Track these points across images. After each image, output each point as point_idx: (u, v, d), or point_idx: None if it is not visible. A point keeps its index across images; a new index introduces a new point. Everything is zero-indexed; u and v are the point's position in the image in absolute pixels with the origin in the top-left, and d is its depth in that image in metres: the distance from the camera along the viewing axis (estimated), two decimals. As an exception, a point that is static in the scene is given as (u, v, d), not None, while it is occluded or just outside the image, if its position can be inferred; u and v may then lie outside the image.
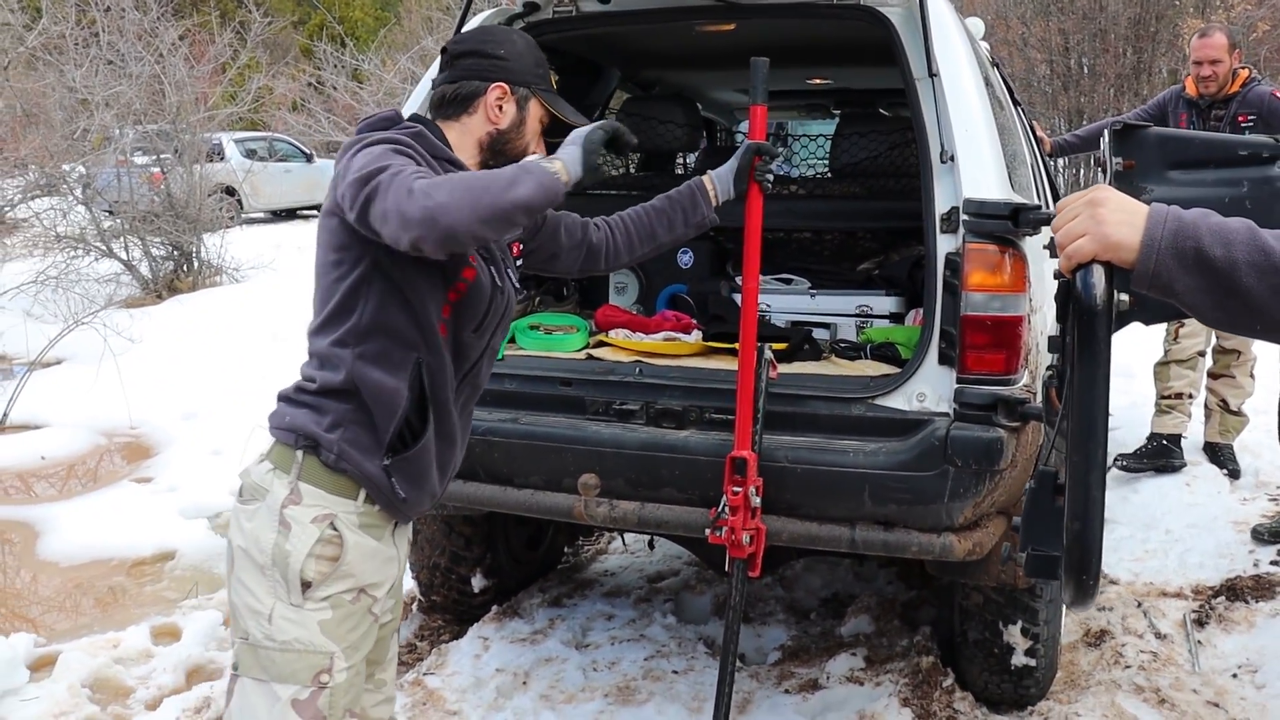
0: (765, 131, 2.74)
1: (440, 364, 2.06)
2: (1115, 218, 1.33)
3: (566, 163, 2.02)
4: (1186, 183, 1.92)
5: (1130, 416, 6.38)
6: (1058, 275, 1.42)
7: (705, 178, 2.60)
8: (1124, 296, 1.39)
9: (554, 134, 2.21)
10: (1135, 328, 7.07)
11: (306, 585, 1.97)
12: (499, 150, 2.18)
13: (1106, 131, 2.00)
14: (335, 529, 2.00)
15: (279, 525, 1.98)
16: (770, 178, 2.70)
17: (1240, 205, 1.34)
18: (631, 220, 2.55)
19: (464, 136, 2.17)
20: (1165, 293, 1.33)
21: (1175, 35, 15.10)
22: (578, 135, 2.09)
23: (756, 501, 2.75)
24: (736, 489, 2.74)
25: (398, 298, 2.00)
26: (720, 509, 2.76)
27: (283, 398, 2.13)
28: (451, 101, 2.18)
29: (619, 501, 2.99)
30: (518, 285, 2.27)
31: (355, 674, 2.05)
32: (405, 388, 2.02)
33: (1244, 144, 1.93)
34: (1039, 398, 2.73)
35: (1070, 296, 1.37)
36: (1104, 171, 2.00)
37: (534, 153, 2.23)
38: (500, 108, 2.16)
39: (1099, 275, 1.33)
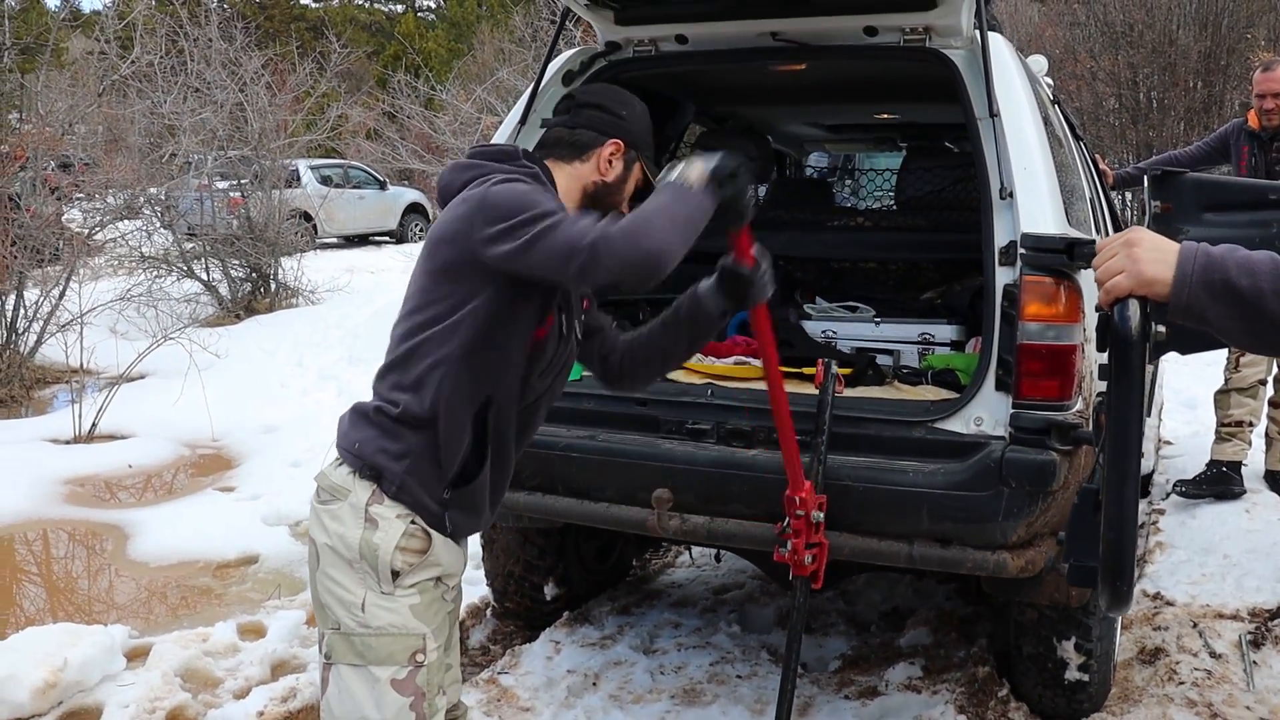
0: (748, 251, 2.39)
1: (509, 402, 2.20)
2: (1149, 256, 1.49)
3: (700, 168, 2.15)
4: (1220, 224, 2.05)
5: (1192, 445, 6.45)
6: (1098, 309, 1.58)
7: (698, 290, 2.46)
8: (1161, 328, 1.55)
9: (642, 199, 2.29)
10: (1198, 361, 7.09)
11: (395, 574, 2.14)
12: (598, 200, 2.34)
13: (1145, 177, 2.15)
14: (416, 523, 2.16)
15: (365, 521, 2.13)
16: (761, 296, 2.44)
17: (1270, 245, 1.49)
18: (639, 339, 2.55)
19: (572, 181, 2.32)
20: (1199, 321, 1.49)
21: (1246, 69, 14.98)
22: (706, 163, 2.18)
23: (819, 518, 2.89)
24: (799, 512, 2.87)
25: (491, 335, 2.13)
26: (785, 524, 2.91)
27: (358, 414, 2.24)
28: (568, 145, 2.33)
29: (690, 516, 3.13)
30: (580, 336, 2.40)
31: (441, 654, 2.22)
32: (470, 422, 2.15)
33: (1274, 189, 2.07)
34: (1091, 423, 2.87)
35: (1108, 328, 1.53)
36: (1143, 213, 2.15)
37: (623, 212, 2.34)
38: (611, 162, 2.33)
39: (1134, 309, 1.50)
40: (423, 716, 2.16)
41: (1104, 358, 1.58)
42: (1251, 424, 5.51)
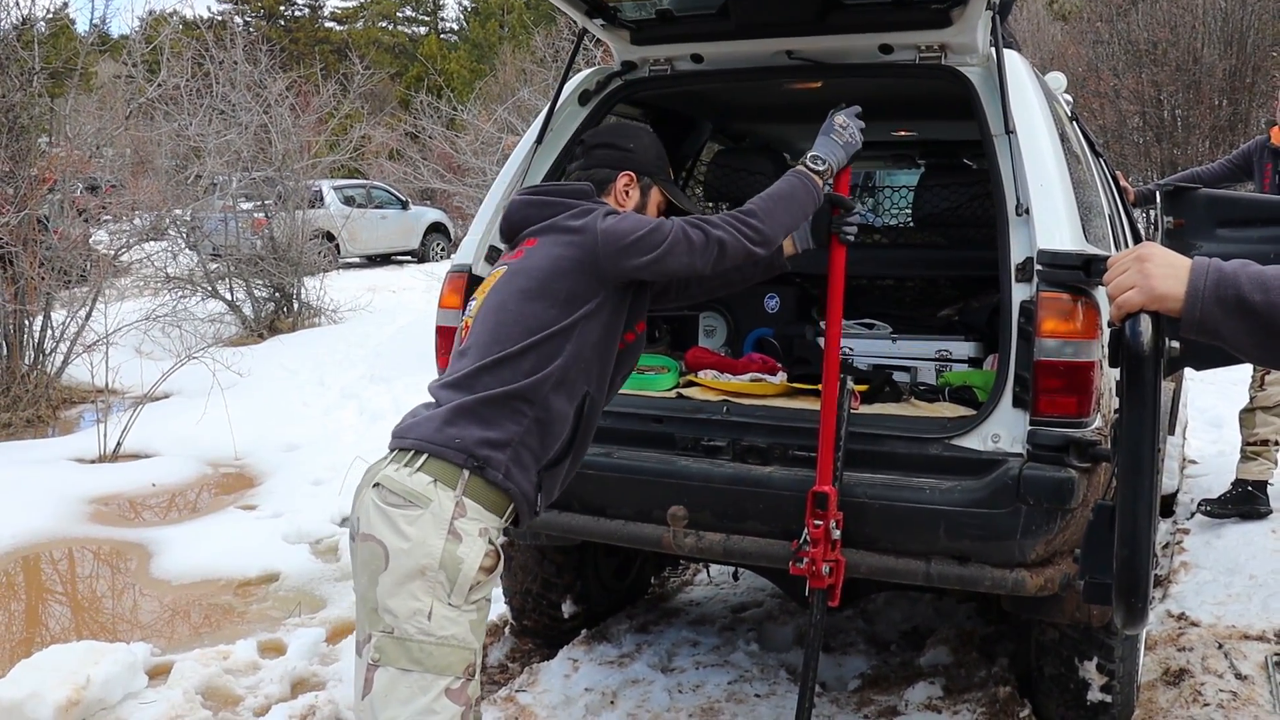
0: (848, 186, 2.91)
1: (600, 398, 2.46)
2: (1161, 271, 1.49)
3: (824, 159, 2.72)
4: (1233, 239, 2.05)
5: (1218, 464, 6.40)
6: (1110, 324, 1.58)
7: None
8: (1174, 343, 1.55)
9: (672, 214, 2.66)
10: (1223, 380, 7.05)
11: (469, 589, 2.21)
12: None
13: (1158, 193, 2.14)
14: (492, 543, 2.26)
15: (449, 534, 2.20)
16: (852, 232, 2.93)
17: (1283, 260, 1.49)
18: None
19: None
20: (1212, 337, 1.48)
21: (1271, 86, 14.93)
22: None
23: (837, 534, 2.89)
24: (818, 522, 2.88)
25: (600, 340, 2.40)
26: (802, 540, 2.91)
27: (450, 413, 2.32)
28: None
29: (706, 533, 3.14)
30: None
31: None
32: (573, 416, 2.38)
33: (1285, 205, 2.07)
34: (1109, 440, 2.85)
35: (1120, 344, 1.53)
36: (1156, 229, 2.14)
37: None
38: (627, 193, 2.64)
39: (1146, 324, 1.49)
40: None
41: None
42: (1278, 443, 5.46)
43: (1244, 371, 5.74)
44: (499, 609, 4.50)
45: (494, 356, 2.33)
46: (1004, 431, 2.91)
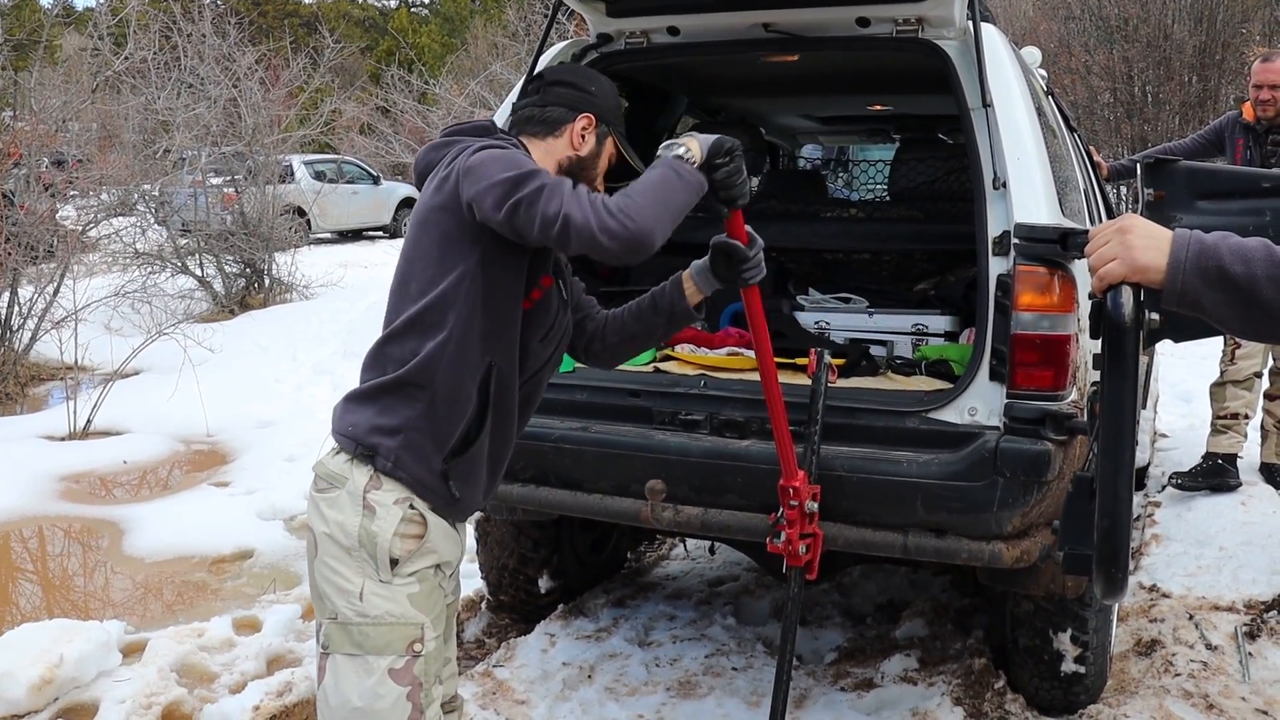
0: (743, 230, 2.44)
1: (510, 368, 2.22)
2: (1142, 243, 1.49)
3: (699, 144, 2.20)
4: (1213, 212, 2.05)
5: (1188, 438, 6.46)
6: (1091, 296, 1.58)
7: (684, 273, 2.52)
8: (1154, 315, 1.55)
9: (615, 178, 2.38)
10: (1194, 354, 7.13)
11: (394, 562, 2.14)
12: (573, 175, 2.32)
13: (1139, 165, 2.15)
14: (415, 508, 2.16)
15: (363, 509, 2.14)
16: (755, 276, 2.47)
17: (1263, 233, 1.49)
18: (612, 316, 2.58)
19: (546, 156, 2.33)
20: (1193, 308, 1.48)
21: (1241, 63, 14.99)
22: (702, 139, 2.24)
23: (813, 508, 2.90)
24: (793, 503, 2.88)
25: (488, 300, 2.15)
26: (779, 515, 2.91)
27: (351, 398, 2.25)
28: (540, 122, 2.36)
29: (683, 507, 3.14)
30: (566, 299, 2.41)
31: (440, 643, 2.23)
32: (476, 391, 2.17)
33: (1267, 177, 2.08)
34: (1085, 413, 2.87)
35: (1102, 315, 1.53)
36: (1136, 202, 2.15)
37: (598, 189, 2.39)
38: (584, 136, 2.35)
39: (1127, 295, 1.49)
40: (419, 706, 2.16)
41: (1098, 346, 1.58)
42: (1247, 416, 5.52)
43: (1214, 346, 5.79)
44: (475, 584, 4.49)
45: (385, 334, 2.21)
46: (981, 405, 2.93)
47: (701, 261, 2.48)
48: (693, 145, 2.19)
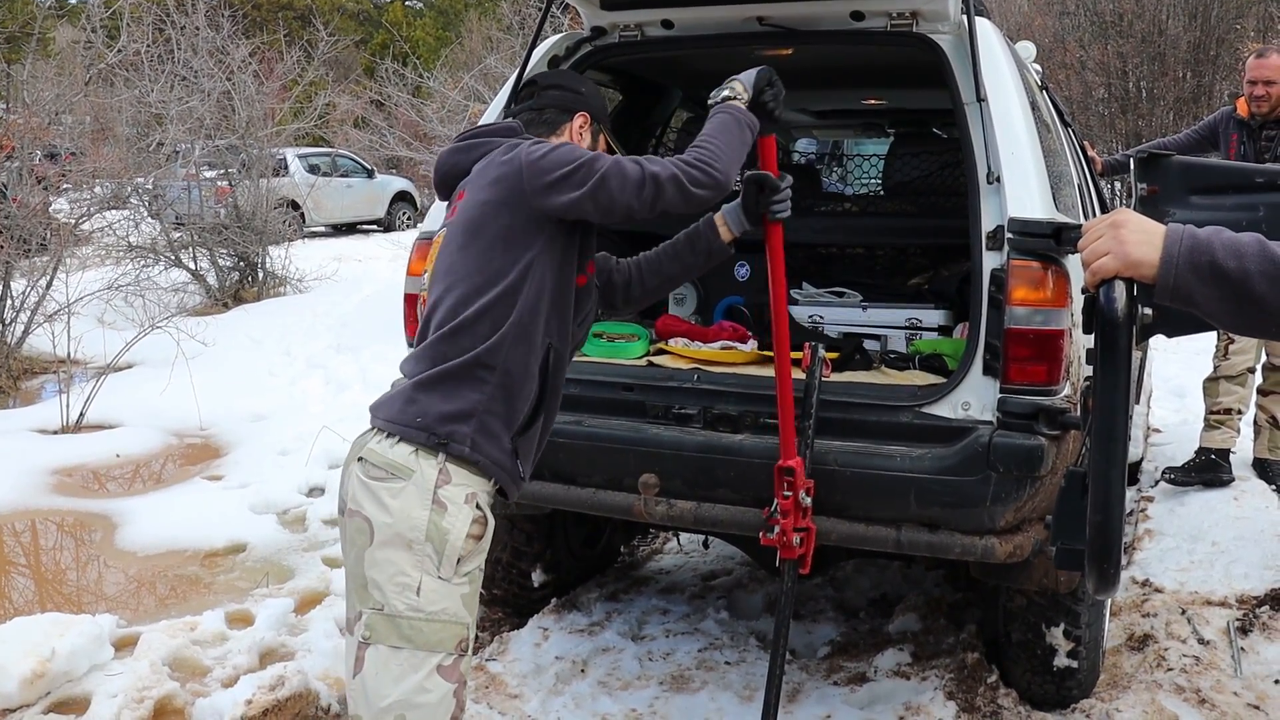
0: (775, 162, 2.71)
1: (564, 348, 2.36)
2: (1135, 238, 1.48)
3: (742, 83, 2.50)
4: (1206, 207, 2.06)
5: (1181, 433, 6.47)
6: (1084, 290, 1.58)
7: (716, 213, 2.69)
8: (1148, 310, 1.55)
9: None
10: (1187, 349, 7.12)
11: (458, 561, 2.16)
12: None
13: (1132, 160, 2.15)
14: (480, 508, 2.20)
15: (433, 504, 2.15)
16: (784, 210, 2.68)
17: (1256, 228, 1.48)
18: (646, 260, 2.76)
19: None
20: (1186, 304, 1.48)
21: (1235, 59, 15.00)
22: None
23: (807, 502, 2.90)
24: (787, 493, 2.88)
25: (552, 284, 2.29)
26: (772, 509, 2.92)
27: (411, 390, 2.26)
28: (540, 124, 2.54)
29: (677, 501, 3.14)
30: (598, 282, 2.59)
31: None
32: (538, 373, 2.29)
33: (1260, 172, 2.08)
34: (1079, 408, 2.87)
35: (1094, 310, 1.53)
36: (1130, 196, 2.15)
37: None
38: (582, 134, 2.57)
39: (1120, 290, 1.49)
40: (462, 704, 2.19)
41: (1091, 341, 1.57)
42: (1240, 412, 5.52)
43: (1207, 341, 5.79)
44: (469, 579, 4.49)
45: (450, 325, 2.25)
46: (974, 399, 2.93)
47: (731, 205, 2.67)
48: (738, 86, 2.46)
